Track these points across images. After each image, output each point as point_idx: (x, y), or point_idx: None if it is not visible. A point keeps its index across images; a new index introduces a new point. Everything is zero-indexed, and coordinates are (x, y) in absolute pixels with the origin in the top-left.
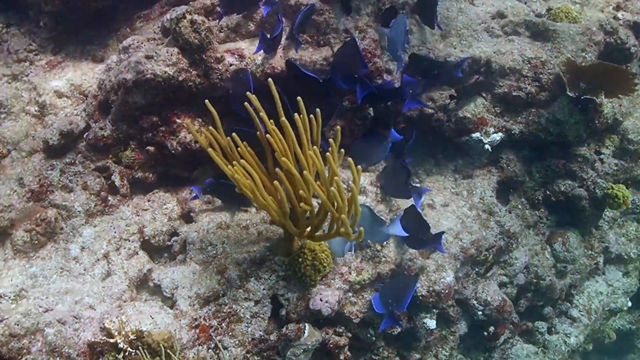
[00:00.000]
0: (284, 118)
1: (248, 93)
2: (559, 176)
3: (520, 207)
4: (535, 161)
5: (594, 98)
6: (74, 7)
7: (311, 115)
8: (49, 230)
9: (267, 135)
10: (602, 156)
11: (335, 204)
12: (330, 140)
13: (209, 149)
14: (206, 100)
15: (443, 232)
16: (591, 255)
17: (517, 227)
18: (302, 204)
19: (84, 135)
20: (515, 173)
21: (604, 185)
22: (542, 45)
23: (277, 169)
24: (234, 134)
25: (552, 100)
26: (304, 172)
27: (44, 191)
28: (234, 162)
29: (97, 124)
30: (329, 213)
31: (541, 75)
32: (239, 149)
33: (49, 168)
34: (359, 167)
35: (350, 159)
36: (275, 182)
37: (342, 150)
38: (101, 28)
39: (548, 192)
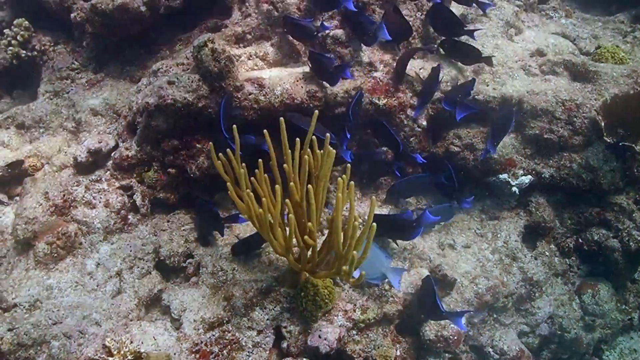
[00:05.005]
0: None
1: (265, 131)
2: (593, 224)
3: (548, 253)
4: (568, 207)
5: (633, 145)
6: (114, 31)
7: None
8: (69, 244)
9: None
10: None
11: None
12: (340, 179)
13: (228, 184)
14: (234, 126)
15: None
16: (625, 310)
17: (542, 274)
18: (305, 237)
19: (112, 154)
20: (543, 218)
21: (639, 238)
22: (581, 86)
23: (287, 200)
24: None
25: (587, 145)
26: (312, 203)
27: (67, 206)
28: (246, 192)
29: (124, 143)
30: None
31: (575, 119)
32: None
33: (75, 184)
34: (373, 204)
35: (373, 198)
36: (291, 215)
37: (352, 182)
38: (142, 49)
39: (580, 240)
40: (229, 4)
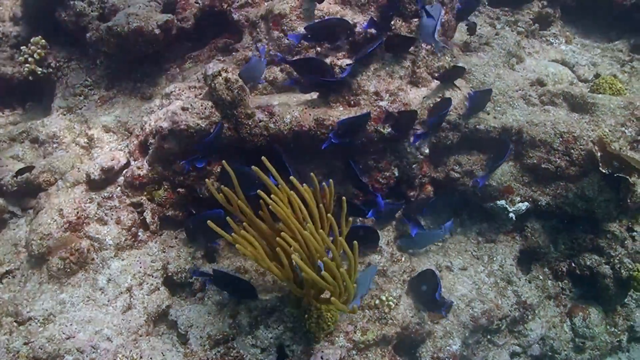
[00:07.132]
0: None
1: (263, 158)
2: (586, 250)
3: (541, 277)
4: (562, 232)
5: (627, 177)
6: (127, 50)
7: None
8: (81, 260)
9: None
10: (634, 234)
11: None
12: (329, 215)
13: (213, 225)
14: (223, 161)
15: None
16: (614, 333)
17: (535, 298)
18: (303, 273)
19: (123, 172)
20: (538, 244)
21: (630, 266)
22: (579, 117)
23: (277, 239)
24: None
25: (583, 175)
26: (293, 255)
27: (80, 223)
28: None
29: (135, 162)
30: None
31: (572, 151)
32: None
33: (88, 201)
34: (355, 244)
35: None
36: (278, 249)
37: (350, 219)
38: (153, 67)
39: (573, 265)
40: (240, 28)
